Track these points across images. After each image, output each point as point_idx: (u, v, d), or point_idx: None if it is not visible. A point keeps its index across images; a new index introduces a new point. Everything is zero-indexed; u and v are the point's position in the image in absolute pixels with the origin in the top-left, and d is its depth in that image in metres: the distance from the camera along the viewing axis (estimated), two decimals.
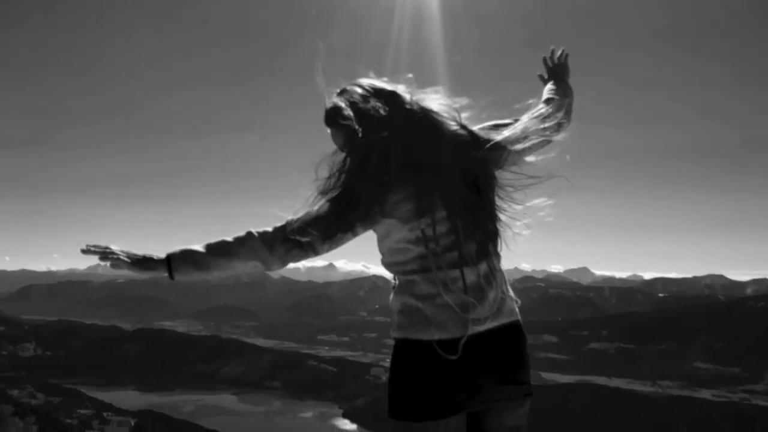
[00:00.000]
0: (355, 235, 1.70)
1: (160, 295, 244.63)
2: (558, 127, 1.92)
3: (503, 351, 1.70)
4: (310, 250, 1.66)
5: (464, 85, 1.85)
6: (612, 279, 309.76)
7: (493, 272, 1.71)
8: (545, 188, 1.82)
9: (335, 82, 1.78)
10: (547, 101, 2.05)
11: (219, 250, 1.65)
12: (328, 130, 1.75)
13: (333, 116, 1.72)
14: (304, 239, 1.64)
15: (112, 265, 1.66)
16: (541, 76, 2.27)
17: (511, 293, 1.78)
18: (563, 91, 2.14)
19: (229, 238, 1.66)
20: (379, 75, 1.79)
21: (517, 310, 1.77)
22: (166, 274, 1.66)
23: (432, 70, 1.76)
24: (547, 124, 1.87)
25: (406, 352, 1.69)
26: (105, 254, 1.65)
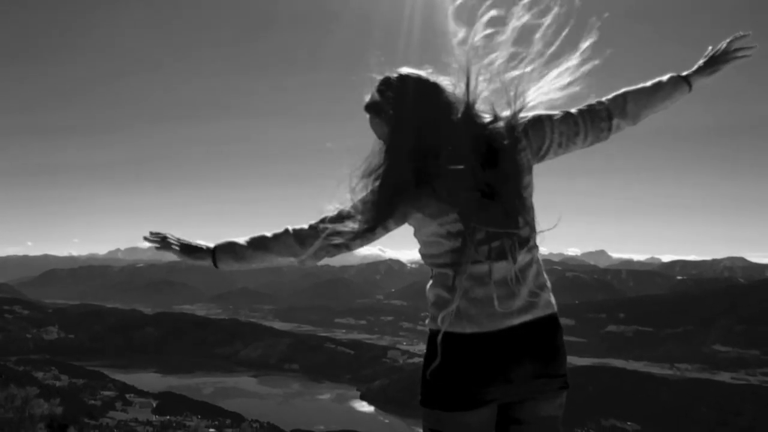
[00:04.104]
0: (387, 230, 1.75)
1: (179, 279, 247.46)
2: (609, 126, 1.79)
3: (537, 344, 1.69)
4: (342, 246, 1.74)
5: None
6: (630, 262, 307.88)
7: (526, 265, 1.69)
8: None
9: (372, 70, 1.75)
10: (620, 96, 1.82)
11: (257, 244, 1.79)
12: (368, 116, 1.76)
13: (370, 105, 1.73)
14: (336, 236, 1.71)
15: (160, 248, 1.88)
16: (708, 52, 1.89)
17: (548, 285, 1.75)
18: (655, 92, 1.83)
19: (268, 234, 1.79)
20: (392, 58, 1.75)
21: (553, 302, 1.75)
22: (211, 263, 1.82)
23: (445, 52, 1.64)
24: (597, 121, 1.77)
25: (438, 343, 1.71)
26: (162, 242, 1.86)
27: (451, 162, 1.60)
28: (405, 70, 1.72)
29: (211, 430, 68.36)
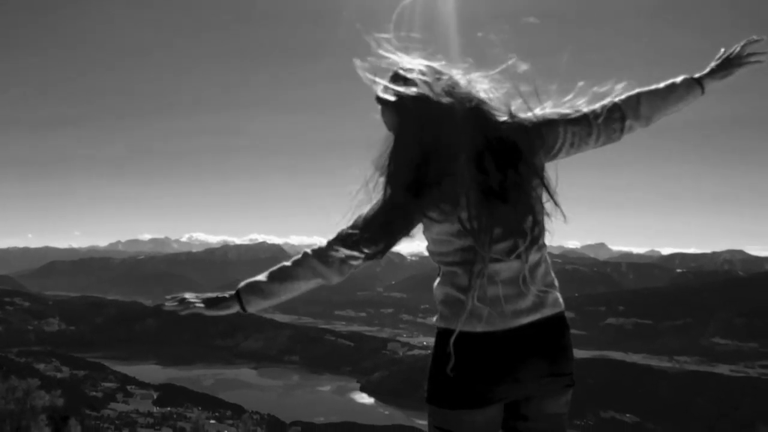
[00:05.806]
0: (408, 232, 1.72)
1: (179, 271, 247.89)
2: (622, 127, 1.79)
3: (546, 343, 1.70)
4: (366, 256, 1.71)
5: (481, 58, 1.69)
6: (629, 254, 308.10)
7: (536, 264, 1.69)
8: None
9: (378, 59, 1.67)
10: (633, 97, 1.80)
11: (280, 276, 1.74)
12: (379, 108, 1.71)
13: (380, 97, 1.66)
14: (357, 248, 1.68)
15: (184, 311, 1.79)
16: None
17: (556, 283, 1.76)
18: (669, 95, 1.82)
19: (288, 263, 1.74)
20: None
21: (561, 300, 1.76)
22: (239, 309, 1.77)
23: (445, 42, 1.64)
24: (609, 122, 1.76)
25: (447, 341, 1.69)
26: (182, 303, 1.79)
27: (454, 160, 1.57)
28: (418, 62, 1.66)
29: (211, 421, 68.71)
